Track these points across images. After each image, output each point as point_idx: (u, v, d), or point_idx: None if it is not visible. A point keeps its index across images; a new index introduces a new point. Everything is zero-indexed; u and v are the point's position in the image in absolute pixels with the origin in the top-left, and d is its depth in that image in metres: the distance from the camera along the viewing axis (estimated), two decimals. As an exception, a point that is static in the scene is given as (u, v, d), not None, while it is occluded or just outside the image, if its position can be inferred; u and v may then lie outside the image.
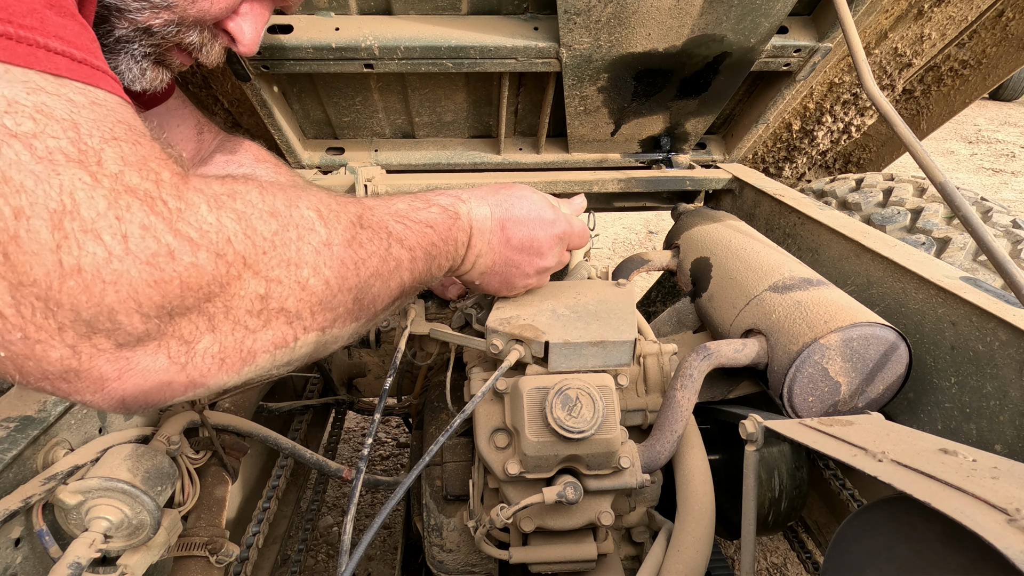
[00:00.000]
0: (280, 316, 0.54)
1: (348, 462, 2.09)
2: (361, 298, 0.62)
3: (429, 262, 0.75)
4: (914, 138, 0.96)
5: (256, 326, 0.52)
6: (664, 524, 0.93)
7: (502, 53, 1.28)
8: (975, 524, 0.39)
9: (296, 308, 0.55)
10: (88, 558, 0.76)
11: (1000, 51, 1.65)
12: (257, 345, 0.53)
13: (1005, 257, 0.82)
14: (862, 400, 0.94)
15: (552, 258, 0.91)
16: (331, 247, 0.58)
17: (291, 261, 0.54)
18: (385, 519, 0.65)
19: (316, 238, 0.57)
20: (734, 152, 1.76)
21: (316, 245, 0.56)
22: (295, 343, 0.56)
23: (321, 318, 0.58)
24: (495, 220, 0.85)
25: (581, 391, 0.78)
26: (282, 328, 0.54)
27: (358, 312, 0.63)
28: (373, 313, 0.66)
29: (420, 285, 0.77)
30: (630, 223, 4.79)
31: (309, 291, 0.55)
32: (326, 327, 0.59)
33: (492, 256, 0.86)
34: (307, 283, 0.55)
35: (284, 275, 0.53)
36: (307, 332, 0.57)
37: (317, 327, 0.58)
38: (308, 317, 0.56)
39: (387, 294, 0.67)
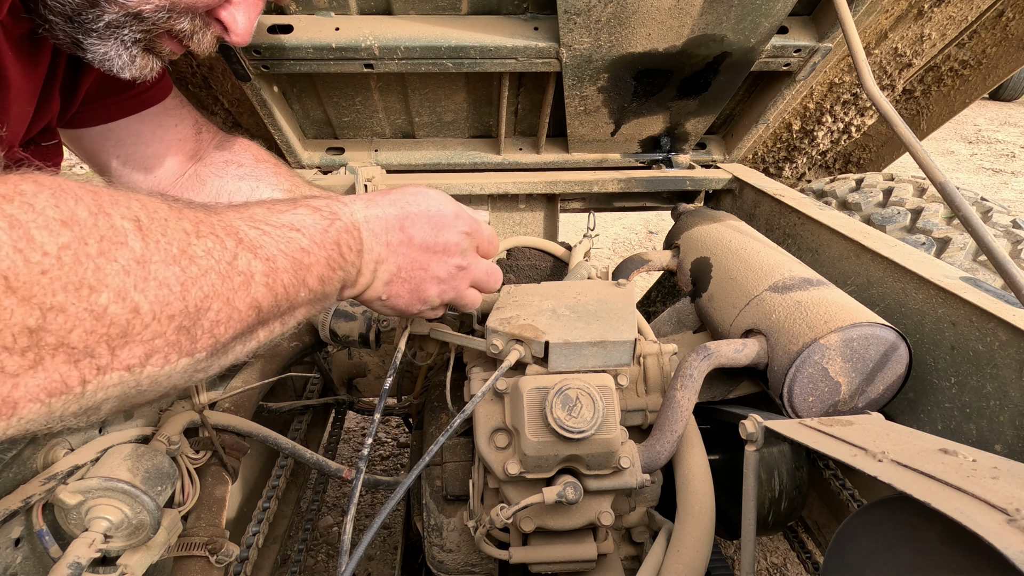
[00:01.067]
0: (58, 354, 0.42)
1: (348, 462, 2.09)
2: (191, 326, 0.51)
3: (301, 273, 0.63)
4: (914, 138, 0.96)
5: (17, 368, 0.41)
6: (664, 524, 0.93)
7: (502, 53, 1.28)
8: (975, 524, 0.39)
9: (85, 343, 0.43)
10: (88, 558, 0.76)
11: (1000, 51, 1.65)
12: (18, 393, 0.41)
13: (1005, 257, 0.82)
14: (862, 400, 0.94)
15: (464, 257, 0.80)
16: (146, 265, 0.47)
17: (83, 283, 0.43)
18: (385, 519, 0.65)
19: (126, 254, 0.46)
20: (734, 152, 1.76)
21: (125, 263, 0.46)
22: (83, 387, 0.45)
23: (126, 354, 0.46)
24: (391, 218, 0.75)
25: (581, 391, 0.78)
26: (60, 369, 0.43)
27: (189, 344, 0.51)
28: (214, 344, 0.54)
29: (297, 306, 0.65)
30: (630, 223, 4.79)
31: (107, 321, 0.44)
32: (134, 365, 0.47)
33: (396, 260, 0.75)
34: (105, 311, 0.44)
35: (70, 301, 0.42)
36: (103, 373, 0.45)
37: (121, 366, 0.46)
38: (105, 354, 0.45)
39: (234, 318, 0.55)
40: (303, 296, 0.64)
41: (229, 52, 1.22)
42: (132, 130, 1.05)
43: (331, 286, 0.68)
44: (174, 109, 1.11)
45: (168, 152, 1.11)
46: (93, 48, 0.77)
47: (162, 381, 0.52)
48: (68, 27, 0.75)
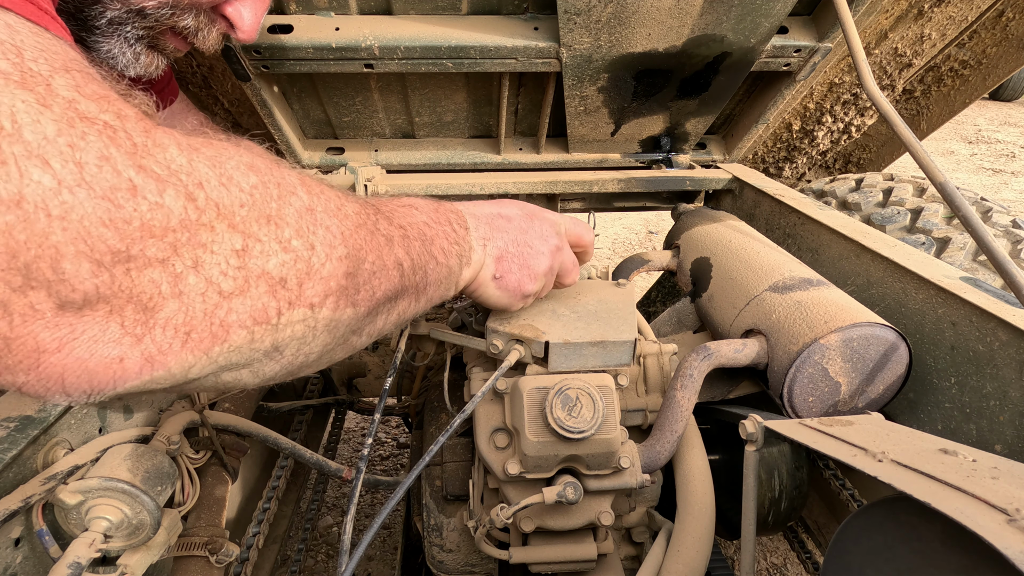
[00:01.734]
0: (261, 281, 0.46)
1: (348, 462, 2.09)
2: (354, 272, 0.54)
3: (427, 245, 0.67)
4: (914, 138, 0.96)
5: (231, 289, 0.44)
6: (664, 524, 0.93)
7: (502, 53, 1.28)
8: (975, 524, 0.39)
9: (279, 272, 0.47)
10: (88, 558, 0.76)
11: (1000, 51, 1.65)
12: (232, 317, 0.44)
13: (1005, 257, 0.82)
14: (862, 400, 0.94)
15: (559, 239, 0.85)
16: (314, 212, 0.52)
17: (271, 218, 0.47)
18: (385, 519, 0.65)
19: (298, 201, 0.51)
20: (734, 152, 1.76)
21: (298, 208, 0.50)
22: (279, 319, 0.48)
23: (310, 289, 0.49)
24: (487, 207, 0.81)
25: (581, 391, 0.78)
26: (263, 297, 0.46)
27: (353, 293, 0.54)
28: (371, 298, 0.57)
29: (428, 279, 0.68)
30: (630, 223, 4.79)
31: (293, 254, 0.48)
32: (316, 303, 0.50)
33: (502, 236, 0.79)
34: (289, 244, 0.48)
35: (264, 233, 0.46)
36: (292, 307, 0.48)
37: (305, 302, 0.49)
38: (294, 286, 0.48)
39: (385, 276, 0.59)
40: (431, 268, 0.68)
41: (229, 52, 1.22)
42: None
43: (452, 259, 0.72)
44: (181, 113, 1.11)
45: None
46: (97, 46, 0.77)
47: (330, 329, 0.54)
48: (71, 24, 0.75)
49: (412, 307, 0.67)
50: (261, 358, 0.49)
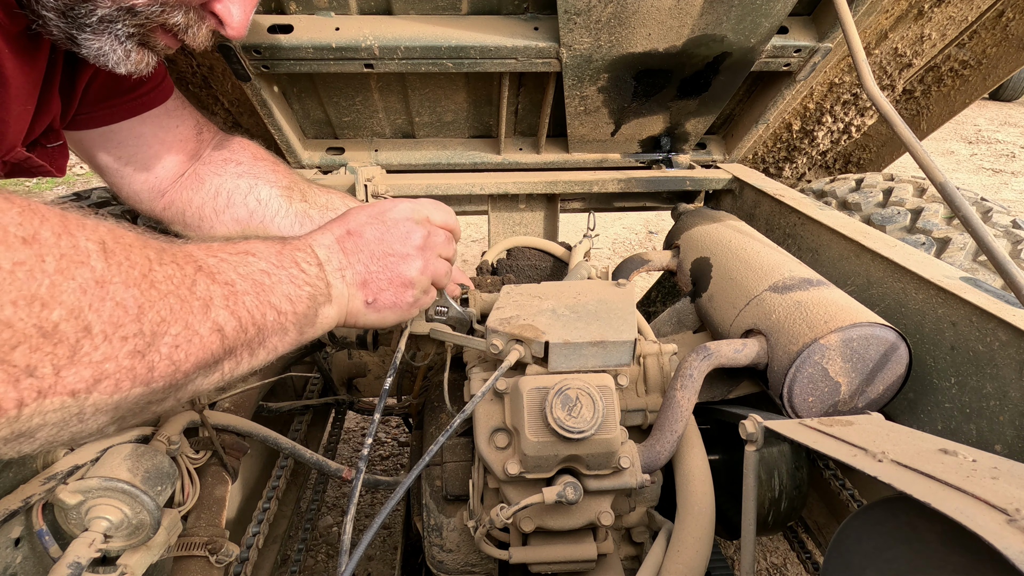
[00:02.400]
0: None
1: (348, 462, 2.09)
2: (145, 350, 0.49)
3: (264, 294, 0.62)
4: (914, 138, 0.96)
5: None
6: (664, 524, 0.93)
7: (502, 53, 1.28)
8: (975, 524, 0.39)
9: (28, 361, 0.41)
10: (88, 558, 0.76)
11: (1000, 51, 1.65)
12: None
13: (1005, 257, 0.82)
14: (862, 400, 0.94)
15: (420, 227, 0.80)
16: (105, 285, 0.46)
17: (35, 299, 0.41)
18: (385, 519, 0.65)
19: (86, 273, 0.45)
20: (734, 152, 1.76)
21: (83, 281, 0.44)
22: (19, 411, 0.42)
23: (72, 377, 0.44)
24: (336, 229, 0.76)
25: (581, 391, 0.78)
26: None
27: (145, 372, 0.49)
28: (173, 372, 0.52)
29: (267, 331, 0.63)
30: (630, 223, 4.79)
31: (55, 339, 0.42)
32: (80, 390, 0.45)
33: (359, 258, 0.75)
34: (55, 328, 0.42)
35: (18, 316, 0.40)
36: (44, 396, 0.43)
37: (65, 390, 0.44)
38: (49, 375, 0.43)
39: (194, 343, 0.54)
40: (272, 319, 0.63)
41: (229, 52, 1.22)
42: (134, 132, 1.05)
43: (302, 304, 0.67)
44: (175, 110, 1.11)
45: (169, 153, 1.11)
46: (87, 43, 0.77)
47: (108, 410, 0.49)
48: (62, 22, 0.75)
49: (245, 363, 0.63)
50: (8, 446, 0.44)
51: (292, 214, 1.12)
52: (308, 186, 1.18)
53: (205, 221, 1.12)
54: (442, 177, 1.62)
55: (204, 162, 1.15)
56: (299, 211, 1.13)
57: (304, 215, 1.13)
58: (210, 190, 1.12)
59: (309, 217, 1.13)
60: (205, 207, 1.11)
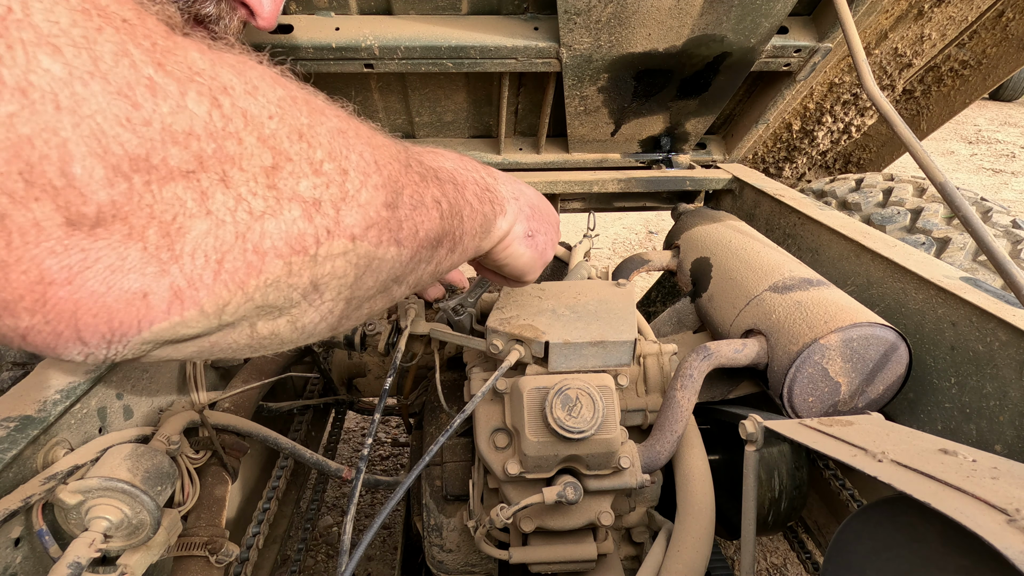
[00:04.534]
0: (293, 204, 0.40)
1: (348, 462, 2.09)
2: (394, 204, 0.49)
3: (460, 190, 0.62)
4: (914, 138, 0.96)
5: (263, 208, 0.39)
6: (664, 524, 0.93)
7: (502, 53, 1.28)
8: (975, 524, 0.39)
9: (313, 195, 0.41)
10: (88, 558, 0.76)
11: (1000, 51, 1.65)
12: (267, 242, 0.39)
13: (1005, 257, 0.82)
14: (862, 400, 0.94)
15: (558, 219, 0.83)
16: (346, 135, 0.46)
17: (302, 135, 0.42)
18: (385, 519, 0.65)
19: (328, 122, 0.45)
20: (734, 152, 1.76)
21: (329, 128, 0.45)
22: (317, 249, 0.42)
23: (348, 217, 0.44)
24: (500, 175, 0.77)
25: (581, 391, 0.78)
26: (298, 221, 0.40)
27: (396, 228, 0.49)
28: (415, 239, 0.52)
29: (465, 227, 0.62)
30: (630, 223, 4.79)
31: (325, 177, 0.43)
32: (356, 234, 0.45)
33: (526, 195, 0.76)
34: (321, 166, 0.42)
35: (295, 151, 0.41)
36: (332, 237, 0.43)
37: (345, 231, 0.44)
38: (331, 212, 0.43)
39: (425, 212, 0.53)
40: (467, 214, 0.62)
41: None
42: None
43: (486, 205, 0.67)
44: None
45: None
46: None
47: (375, 270, 0.48)
48: None
49: (449, 258, 0.62)
50: (300, 300, 0.44)
51: None
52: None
53: None
54: (442, 177, 1.62)
55: None
56: None
57: None
58: None
59: None
60: None
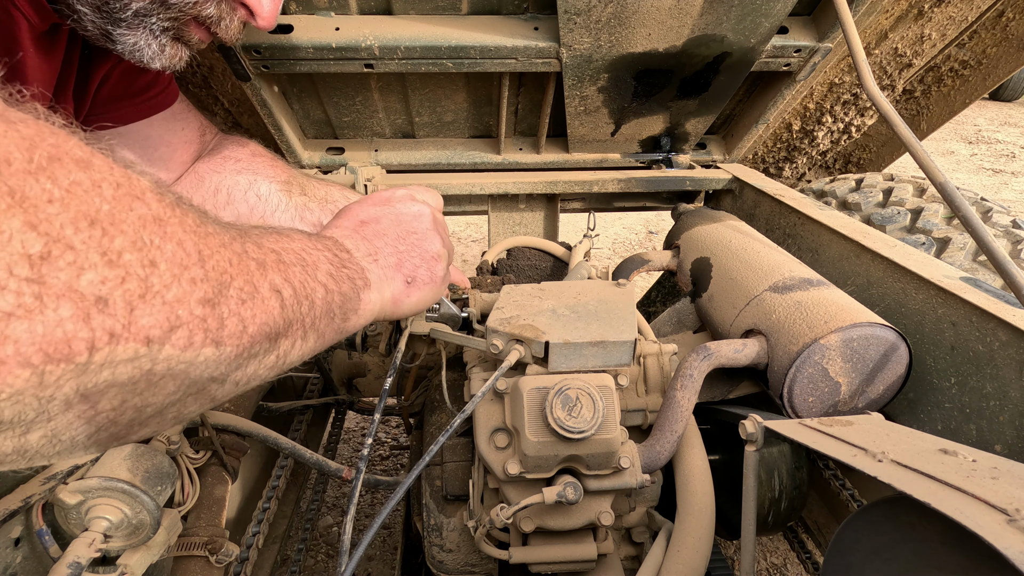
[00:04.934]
0: (63, 300, 0.32)
1: (348, 462, 2.09)
2: (215, 299, 0.43)
3: (309, 269, 0.57)
4: (914, 138, 0.96)
5: (12, 306, 0.30)
6: (664, 524, 0.93)
7: (502, 53, 1.28)
8: (975, 524, 0.39)
9: (98, 291, 0.34)
10: (88, 558, 0.76)
11: (1000, 51, 1.65)
12: (7, 348, 0.30)
13: (1005, 257, 0.82)
14: (862, 400, 0.94)
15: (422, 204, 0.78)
16: (163, 224, 0.40)
17: (95, 221, 0.35)
18: (385, 519, 0.65)
19: (143, 208, 0.39)
20: (734, 152, 1.76)
21: (142, 215, 0.39)
22: (90, 356, 0.34)
23: (146, 317, 0.37)
24: (350, 221, 0.74)
25: (581, 391, 0.78)
26: (66, 323, 0.33)
27: (216, 326, 0.43)
28: (241, 333, 0.46)
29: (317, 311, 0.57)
30: (630, 223, 4.79)
31: (122, 269, 0.36)
32: (154, 337, 0.38)
33: (384, 242, 0.72)
34: (120, 257, 0.36)
35: (80, 238, 0.34)
36: (116, 341, 0.35)
37: (140, 335, 0.37)
38: (122, 312, 0.35)
39: (260, 305, 0.48)
40: (320, 297, 0.58)
41: (229, 52, 1.22)
42: (141, 134, 1.06)
43: (344, 284, 0.63)
44: (181, 113, 1.11)
45: (174, 155, 1.11)
46: (123, 39, 0.78)
47: (178, 375, 0.41)
48: (97, 17, 0.75)
49: (299, 347, 0.56)
50: (59, 412, 0.35)
51: (292, 208, 1.13)
52: (307, 180, 1.18)
53: None
54: (442, 177, 1.62)
55: (203, 160, 1.15)
56: (299, 204, 1.13)
57: (304, 208, 1.13)
58: (210, 187, 1.12)
59: (309, 210, 1.13)
60: (205, 204, 1.12)
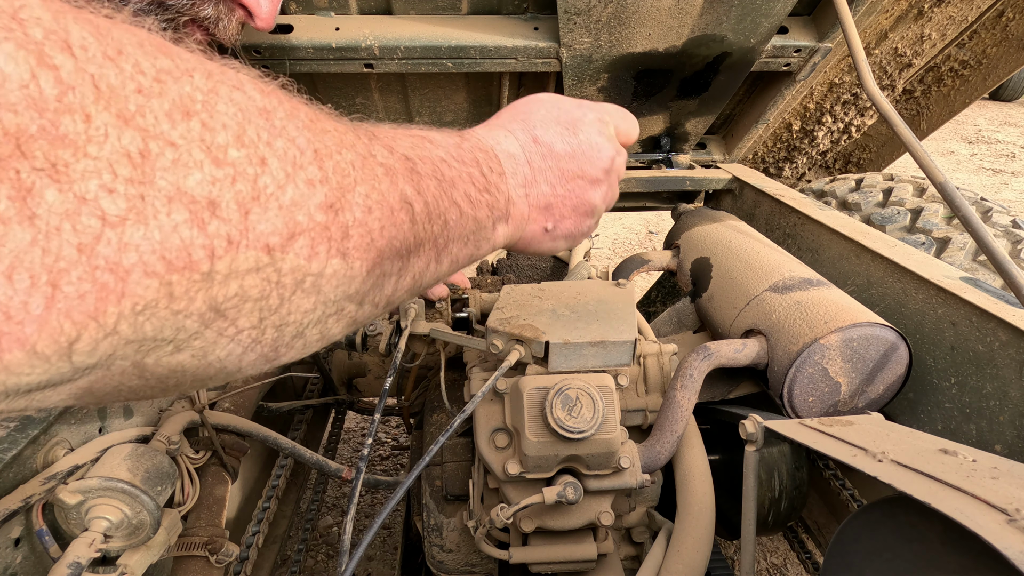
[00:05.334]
0: (175, 204, 0.28)
1: (348, 462, 2.09)
2: (337, 204, 0.37)
3: (445, 186, 0.50)
4: (914, 138, 0.96)
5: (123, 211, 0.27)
6: (664, 524, 0.93)
7: (502, 53, 1.28)
8: (975, 524, 0.39)
9: (209, 193, 0.30)
10: (88, 558, 0.76)
11: (1000, 51, 1.65)
12: (129, 257, 0.27)
13: (1005, 257, 0.82)
14: (862, 400, 0.94)
15: (610, 144, 0.68)
16: (270, 117, 0.35)
17: (192, 112, 0.30)
18: (385, 519, 0.65)
19: (242, 98, 0.34)
20: (734, 152, 1.76)
21: (243, 106, 0.33)
22: (212, 264, 0.30)
23: (263, 223, 0.32)
24: (521, 134, 0.64)
25: (581, 391, 0.78)
26: (181, 228, 0.29)
27: (340, 236, 0.37)
28: (368, 246, 0.40)
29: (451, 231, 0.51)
30: (630, 223, 4.79)
31: (229, 167, 0.31)
32: (275, 246, 0.33)
33: (546, 177, 0.64)
34: (225, 153, 0.31)
35: (180, 133, 0.29)
36: (235, 247, 0.31)
37: (258, 243, 0.32)
38: (236, 215, 0.31)
39: (387, 216, 0.41)
40: (454, 218, 0.51)
41: (229, 52, 1.22)
42: None
43: (481, 211, 0.55)
44: None
45: None
46: None
47: (313, 289, 0.36)
48: None
49: (432, 268, 0.50)
50: (199, 329, 0.32)
51: None
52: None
53: None
54: (442, 177, 1.62)
55: None
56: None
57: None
58: None
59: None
60: None
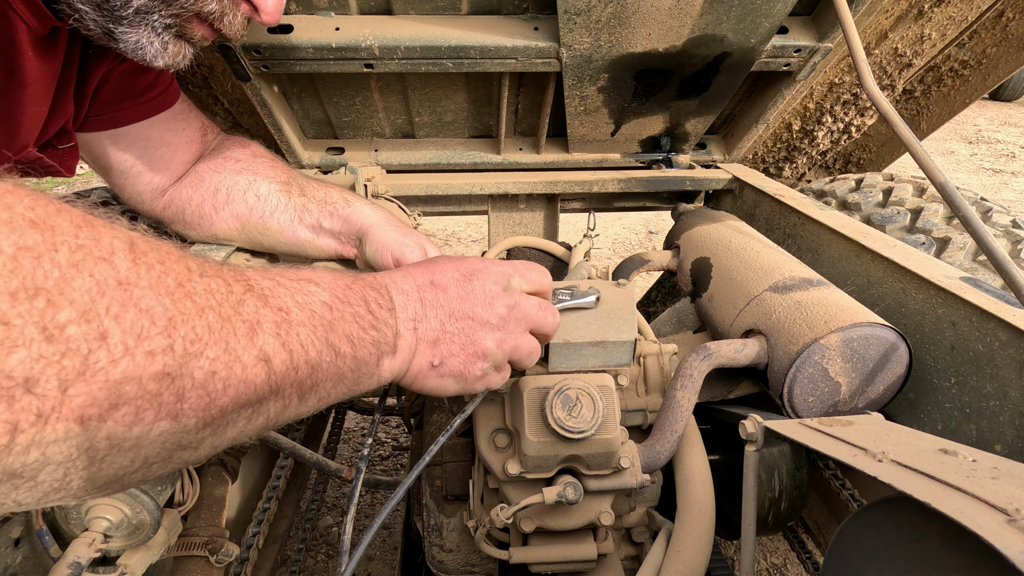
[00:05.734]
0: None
1: (348, 462, 2.09)
2: (176, 373, 0.39)
3: (322, 331, 0.53)
4: (914, 138, 0.96)
5: None
6: (664, 524, 0.93)
7: (502, 53, 1.28)
8: (975, 524, 0.39)
9: (28, 372, 0.32)
10: (88, 558, 0.76)
11: (1000, 51, 1.65)
12: None
13: (1005, 257, 0.82)
14: (862, 400, 0.94)
15: (510, 295, 0.69)
16: (130, 288, 0.37)
17: (39, 292, 0.33)
18: (385, 519, 0.65)
19: (106, 271, 0.36)
20: (734, 152, 1.76)
21: (102, 280, 0.36)
22: (13, 439, 0.32)
23: (83, 397, 0.34)
24: (419, 275, 0.67)
25: (581, 391, 0.78)
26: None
27: (173, 401, 0.39)
28: (207, 406, 0.42)
29: (321, 375, 0.53)
30: (630, 223, 4.79)
31: (62, 345, 0.33)
32: (91, 416, 0.35)
33: (436, 314, 0.65)
34: (62, 331, 0.33)
35: (16, 313, 0.32)
36: (44, 421, 0.33)
37: (73, 414, 0.34)
38: (53, 392, 0.33)
39: (235, 372, 0.44)
40: (328, 362, 0.53)
41: (229, 52, 1.22)
42: (142, 135, 1.06)
43: (363, 349, 0.57)
44: (182, 113, 1.11)
45: (175, 156, 1.11)
46: (125, 37, 0.77)
47: (127, 449, 0.38)
48: (98, 16, 0.75)
49: (292, 408, 0.52)
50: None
51: (291, 208, 1.13)
52: (306, 181, 1.18)
53: (205, 219, 1.12)
54: (442, 177, 1.62)
55: (204, 160, 1.15)
56: (298, 205, 1.13)
57: (303, 209, 1.13)
58: (209, 187, 1.12)
59: (308, 211, 1.13)
60: (204, 204, 1.11)
